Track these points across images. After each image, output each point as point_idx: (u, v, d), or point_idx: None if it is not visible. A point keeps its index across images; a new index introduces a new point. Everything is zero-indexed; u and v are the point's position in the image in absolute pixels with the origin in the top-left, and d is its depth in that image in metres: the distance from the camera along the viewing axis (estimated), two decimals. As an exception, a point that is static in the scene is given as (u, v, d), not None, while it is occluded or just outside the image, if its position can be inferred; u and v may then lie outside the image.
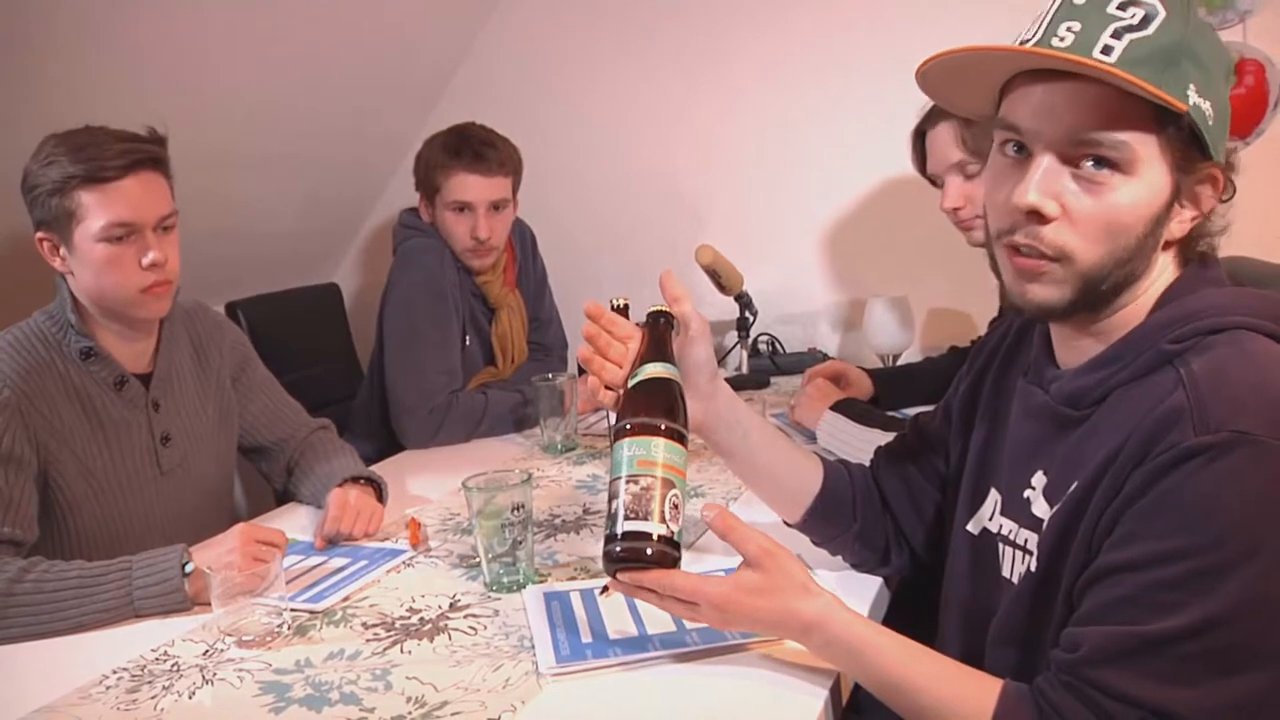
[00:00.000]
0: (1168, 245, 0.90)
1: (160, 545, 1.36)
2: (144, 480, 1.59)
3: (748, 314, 2.49)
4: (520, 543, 1.31)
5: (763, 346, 2.61)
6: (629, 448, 1.00)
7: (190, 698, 1.10)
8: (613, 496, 0.99)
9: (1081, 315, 0.92)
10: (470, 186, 2.16)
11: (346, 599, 1.33)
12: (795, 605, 0.96)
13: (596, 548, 1.44)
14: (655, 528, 0.97)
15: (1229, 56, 0.87)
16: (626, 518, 0.97)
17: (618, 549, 0.98)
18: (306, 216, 2.86)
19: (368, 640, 1.21)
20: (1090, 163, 0.85)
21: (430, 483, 1.84)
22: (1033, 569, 0.92)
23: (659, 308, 1.12)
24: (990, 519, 1.03)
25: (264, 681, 1.13)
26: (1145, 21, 0.82)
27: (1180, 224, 0.89)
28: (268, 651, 1.20)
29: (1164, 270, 0.92)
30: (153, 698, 1.10)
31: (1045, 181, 0.86)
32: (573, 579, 1.35)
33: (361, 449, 1.88)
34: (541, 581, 1.34)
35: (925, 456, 1.22)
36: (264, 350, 1.91)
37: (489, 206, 2.19)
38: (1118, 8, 0.84)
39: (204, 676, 1.15)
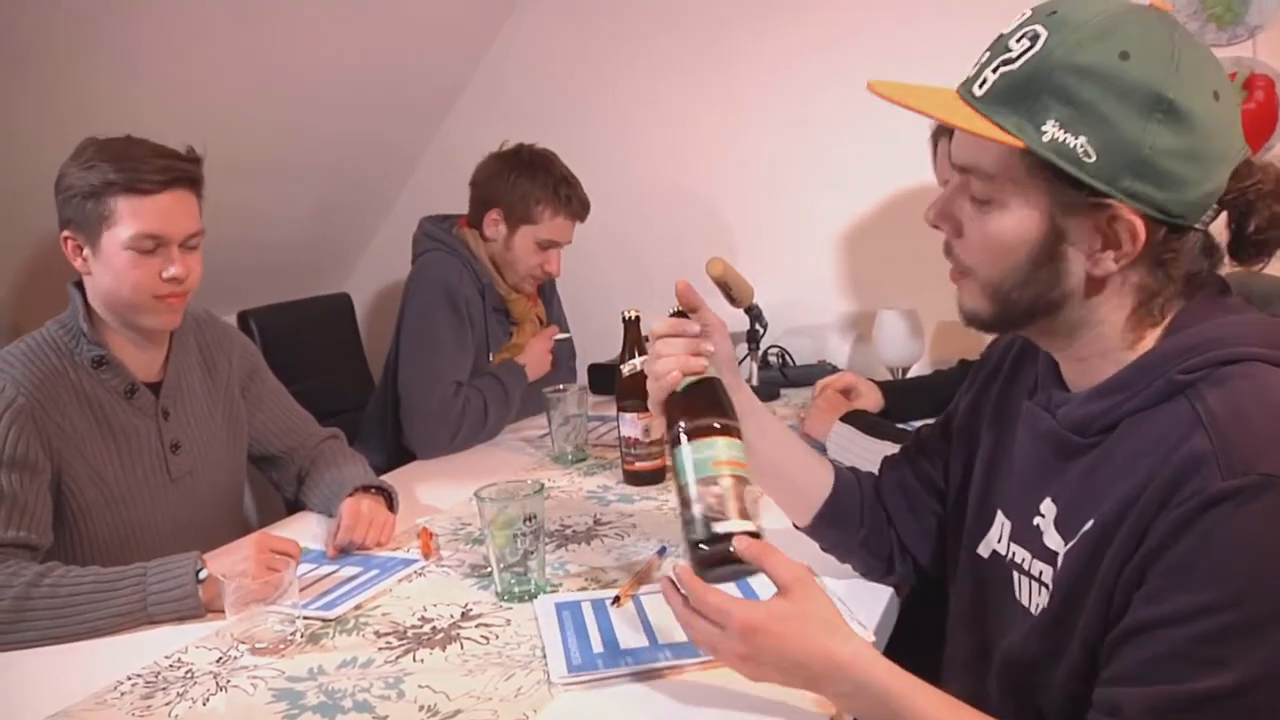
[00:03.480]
0: (1096, 284, 0.86)
1: (171, 552, 1.37)
2: (154, 488, 1.60)
3: (758, 326, 2.49)
4: (532, 553, 1.32)
5: (773, 359, 2.62)
6: (695, 450, 0.98)
7: (204, 704, 1.11)
8: (691, 502, 0.96)
9: (1026, 330, 0.93)
10: (566, 232, 2.31)
11: (359, 607, 1.34)
12: (827, 642, 0.90)
13: (607, 558, 1.46)
14: (744, 525, 0.95)
15: (1160, 87, 0.79)
16: (714, 519, 0.95)
17: (722, 550, 0.94)
18: (318, 226, 2.88)
19: (380, 648, 1.22)
20: (974, 188, 0.88)
21: (440, 492, 1.85)
22: (1048, 605, 0.90)
23: (678, 309, 1.12)
24: (999, 542, 1.01)
25: (277, 689, 1.13)
26: (1023, 53, 0.82)
27: (1095, 263, 0.85)
28: (281, 659, 1.21)
29: (1110, 320, 0.88)
30: (167, 704, 1.11)
31: (944, 202, 0.91)
32: (584, 589, 1.36)
33: (372, 458, 1.90)
34: (553, 591, 1.35)
35: (924, 469, 1.23)
36: (275, 359, 1.93)
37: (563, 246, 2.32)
38: (1016, 38, 0.84)
39: (218, 683, 1.16)
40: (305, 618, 1.29)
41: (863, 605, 1.23)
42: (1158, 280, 0.87)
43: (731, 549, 0.93)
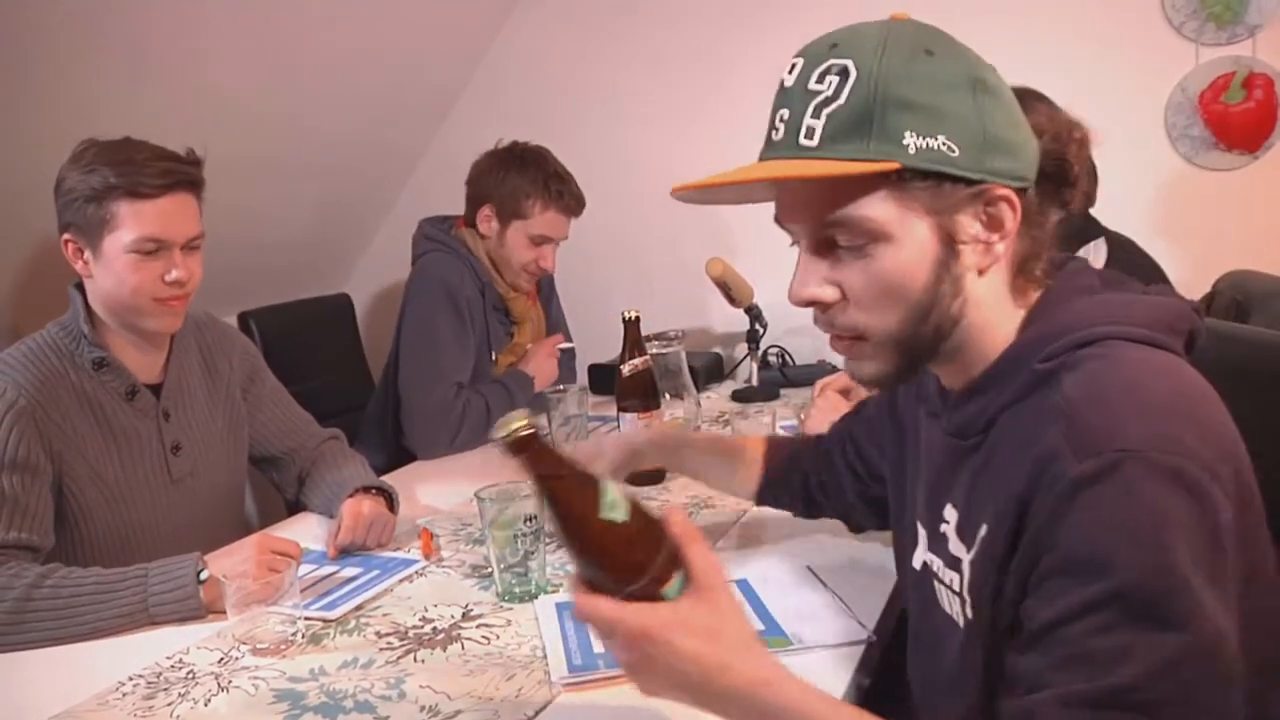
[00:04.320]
0: (983, 273, 0.85)
1: (172, 553, 1.38)
2: (155, 489, 1.60)
3: (757, 326, 2.51)
4: (532, 553, 1.33)
5: (772, 359, 2.62)
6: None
7: (206, 705, 1.12)
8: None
9: (928, 366, 0.90)
10: (560, 226, 2.28)
11: (360, 608, 1.35)
12: (734, 660, 0.78)
13: None
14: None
15: (966, 72, 0.81)
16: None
17: None
18: (318, 227, 2.89)
19: (381, 649, 1.23)
20: (844, 240, 0.83)
21: (440, 493, 1.85)
22: (969, 615, 0.88)
23: None
24: (923, 554, 1.00)
25: (279, 689, 1.14)
26: (839, 90, 0.80)
27: (984, 252, 0.84)
28: (282, 659, 1.21)
29: (993, 298, 0.87)
30: (169, 704, 1.12)
31: (810, 272, 0.86)
32: (584, 589, 1.36)
33: (372, 459, 1.90)
34: (554, 592, 1.35)
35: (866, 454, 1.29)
36: (275, 360, 1.93)
37: (559, 242, 2.31)
38: (816, 80, 0.81)
39: (219, 684, 1.16)
40: (306, 618, 1.30)
41: (864, 605, 1.24)
42: (1032, 248, 0.87)
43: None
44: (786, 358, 2.64)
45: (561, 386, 2.02)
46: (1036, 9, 2.42)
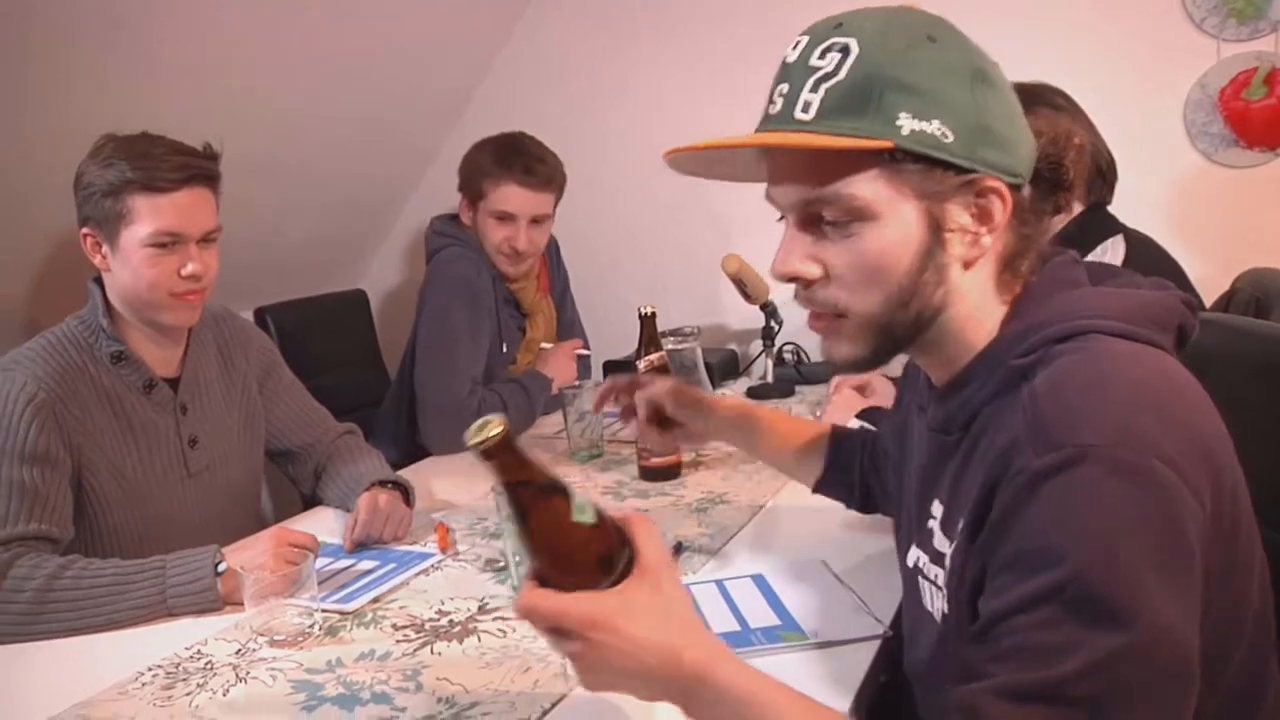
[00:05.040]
0: (969, 265, 0.85)
1: (189, 546, 1.39)
2: (172, 482, 1.62)
3: (773, 323, 2.51)
4: (549, 547, 1.33)
5: (788, 356, 2.62)
6: None
7: (224, 695, 1.13)
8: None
9: (913, 352, 0.90)
10: (515, 198, 2.21)
11: (376, 600, 1.36)
12: (682, 644, 0.77)
13: None
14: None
15: (968, 62, 0.82)
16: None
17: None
18: (334, 223, 2.90)
19: (398, 641, 1.24)
20: (830, 216, 0.83)
21: (455, 488, 1.87)
22: (948, 609, 0.88)
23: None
24: (914, 550, 1.00)
25: (296, 680, 1.15)
26: (839, 65, 0.81)
27: (970, 244, 0.84)
28: (299, 651, 1.22)
29: (979, 291, 0.87)
30: (188, 694, 1.13)
31: (795, 247, 0.86)
32: (599, 583, 1.37)
33: (386, 454, 1.90)
34: (569, 586, 1.36)
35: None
36: (291, 355, 1.95)
37: (530, 219, 2.24)
38: (819, 57, 0.82)
39: (237, 675, 1.17)
40: (323, 610, 1.31)
41: (879, 600, 1.24)
42: (1020, 245, 0.87)
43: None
44: (802, 354, 2.64)
45: (577, 383, 2.02)
46: (1055, 5, 2.42)
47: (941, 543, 0.90)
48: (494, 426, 0.78)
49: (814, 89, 0.81)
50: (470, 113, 2.99)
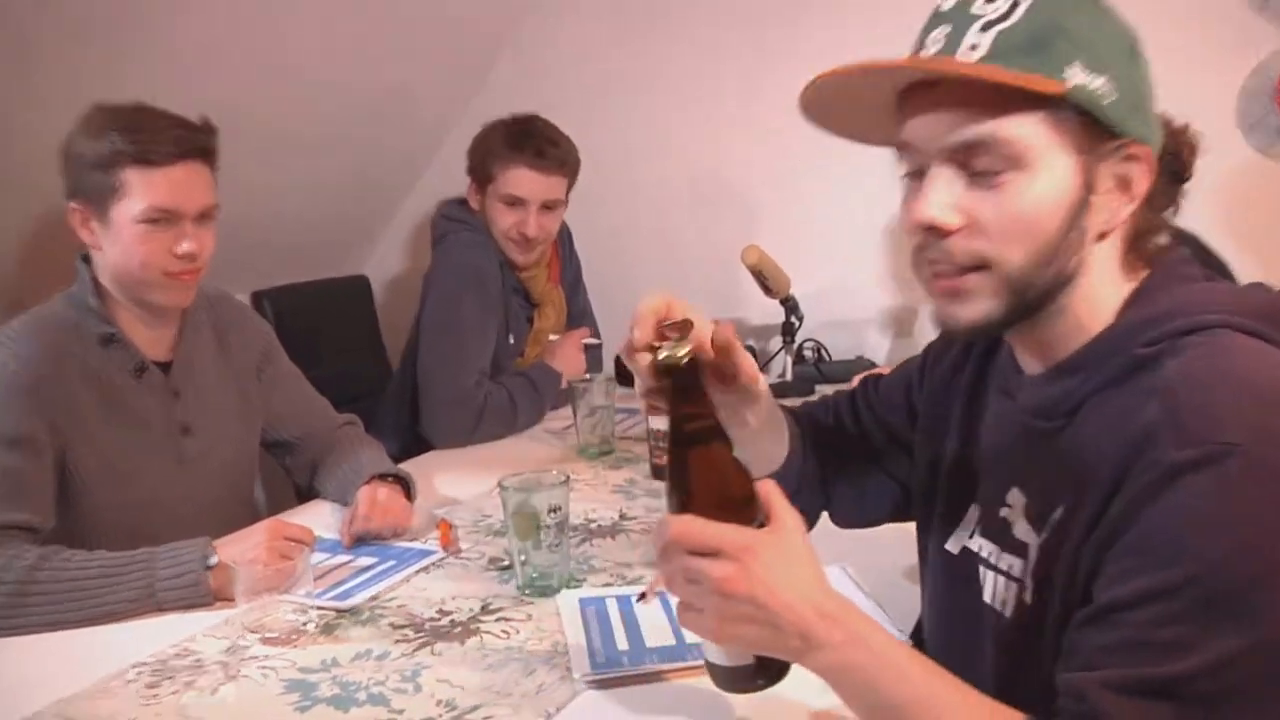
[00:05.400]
0: (1103, 237, 0.86)
1: (180, 537, 1.38)
2: (163, 470, 1.61)
3: (793, 318, 2.49)
4: (556, 546, 1.32)
5: (808, 352, 2.62)
6: None
7: (213, 694, 1.12)
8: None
9: (1022, 326, 0.89)
10: (526, 182, 2.21)
11: (374, 598, 1.35)
12: (825, 591, 0.81)
13: (633, 554, 1.47)
14: None
15: (1128, 33, 0.86)
16: None
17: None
18: (337, 204, 2.90)
19: (396, 641, 1.23)
20: (981, 164, 0.83)
21: (459, 483, 1.86)
22: (1028, 601, 0.89)
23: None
24: (971, 538, 1.00)
25: (289, 680, 1.14)
26: (1012, 10, 0.82)
27: (1111, 213, 0.86)
28: (293, 649, 1.22)
29: (1104, 266, 0.88)
30: (174, 693, 1.12)
31: (940, 192, 0.84)
32: (608, 585, 1.36)
33: (387, 447, 1.89)
34: (576, 587, 1.35)
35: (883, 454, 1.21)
36: (289, 342, 1.94)
37: (541, 204, 2.23)
38: (985, 2, 0.84)
39: (227, 673, 1.16)
40: (319, 608, 1.30)
41: (899, 607, 1.23)
42: (1148, 224, 0.88)
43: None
44: (823, 352, 2.64)
45: (588, 376, 2.01)
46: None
47: (1025, 533, 0.90)
48: (684, 346, 0.86)
49: (983, 31, 0.82)
50: (485, 94, 2.97)
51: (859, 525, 1.26)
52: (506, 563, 1.43)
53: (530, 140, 2.20)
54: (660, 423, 1.77)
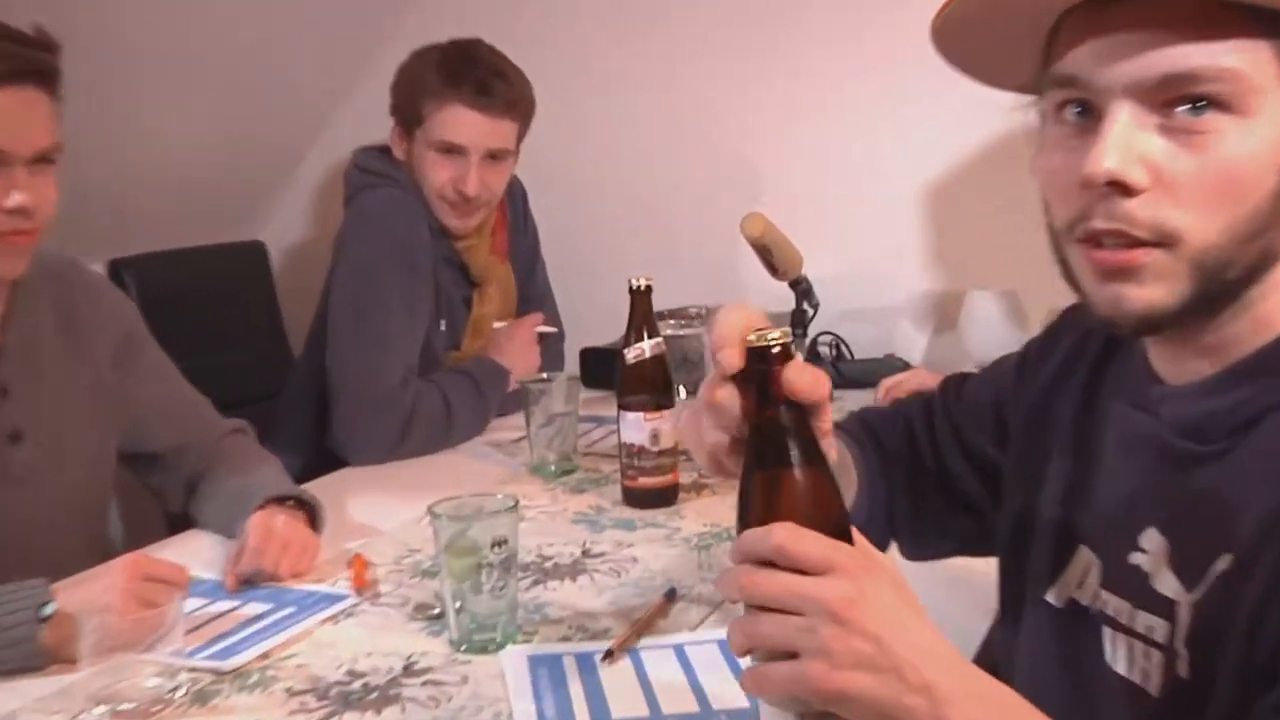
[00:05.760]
0: None
1: (4, 578, 1.34)
2: (-16, 490, 1.59)
3: (806, 306, 2.49)
4: (501, 589, 1.32)
5: (824, 349, 2.62)
6: None
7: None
8: None
9: (1198, 319, 0.88)
10: (465, 125, 2.19)
11: (266, 656, 1.34)
12: (943, 639, 0.81)
13: (598, 601, 1.48)
14: None
15: None
16: None
17: None
18: (226, 150, 2.90)
19: (292, 711, 1.21)
20: (1185, 106, 0.81)
21: (379, 509, 1.86)
22: (1182, 675, 0.87)
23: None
24: (1080, 588, 1.00)
25: (147, 767, 1.12)
26: None
27: None
28: (154, 726, 1.20)
29: None
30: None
31: (1125, 141, 0.82)
32: (566, 639, 1.36)
33: (288, 462, 1.90)
34: (525, 641, 1.35)
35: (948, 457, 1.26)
36: (159, 327, 1.92)
37: (485, 155, 2.22)
38: None
39: (61, 761, 1.14)
40: (191, 670, 1.28)
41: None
42: None
43: None
44: (842, 349, 2.64)
45: (545, 375, 2.00)
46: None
47: (1169, 585, 0.88)
48: (777, 332, 0.86)
49: None
50: (413, 20, 2.96)
51: (923, 559, 1.31)
52: (437, 610, 1.42)
53: (471, 72, 2.19)
54: (637, 435, 1.78)
